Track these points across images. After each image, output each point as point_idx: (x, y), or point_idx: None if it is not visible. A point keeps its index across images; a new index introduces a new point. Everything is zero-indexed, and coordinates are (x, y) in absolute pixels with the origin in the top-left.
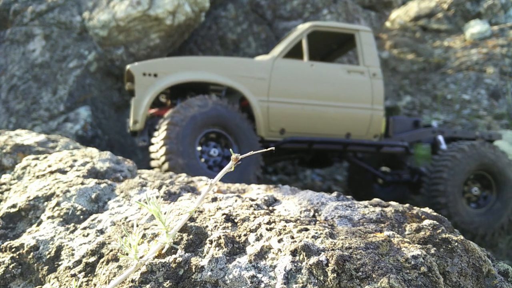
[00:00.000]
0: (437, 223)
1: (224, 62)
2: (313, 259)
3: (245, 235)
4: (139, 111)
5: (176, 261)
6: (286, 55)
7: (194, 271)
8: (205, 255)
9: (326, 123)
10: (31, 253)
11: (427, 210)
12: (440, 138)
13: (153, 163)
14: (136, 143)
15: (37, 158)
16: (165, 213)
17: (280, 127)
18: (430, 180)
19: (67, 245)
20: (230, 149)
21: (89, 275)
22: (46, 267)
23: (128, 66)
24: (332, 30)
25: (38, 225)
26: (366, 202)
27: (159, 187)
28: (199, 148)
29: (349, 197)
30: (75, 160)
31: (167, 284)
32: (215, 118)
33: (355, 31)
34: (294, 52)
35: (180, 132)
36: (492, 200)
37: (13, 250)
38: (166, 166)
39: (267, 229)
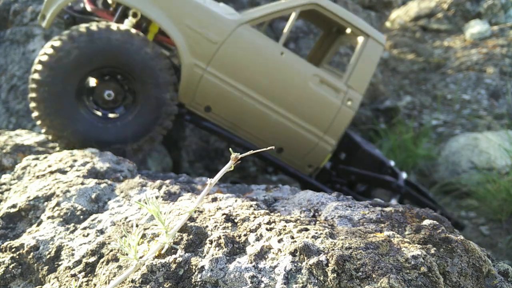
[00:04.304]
0: (437, 223)
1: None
2: (313, 259)
3: (245, 235)
4: (52, 4)
5: (176, 261)
6: (257, 26)
7: (194, 271)
8: (205, 255)
9: (261, 125)
10: (31, 253)
11: (427, 210)
12: (394, 200)
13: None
14: None
15: (37, 158)
16: (165, 213)
17: (207, 104)
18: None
19: (67, 245)
20: (230, 149)
21: (89, 275)
22: (46, 267)
23: None
24: (336, 19)
25: (38, 225)
26: (366, 202)
27: (159, 187)
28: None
29: (349, 197)
30: (75, 160)
31: (167, 284)
32: (108, 54)
33: (366, 35)
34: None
35: (52, 76)
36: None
37: (13, 250)
38: (39, 124)
39: (267, 229)
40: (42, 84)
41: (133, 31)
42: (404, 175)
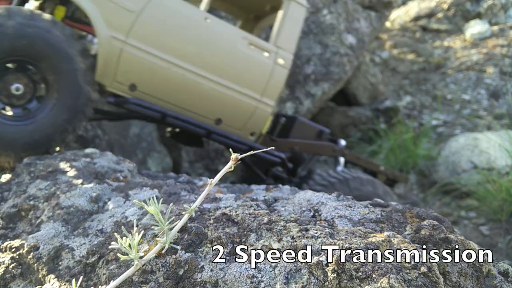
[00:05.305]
0: (437, 223)
1: None
2: (313, 259)
3: (245, 235)
4: None
5: (176, 261)
6: None
7: (194, 271)
8: (205, 255)
9: (194, 97)
10: (31, 253)
11: (427, 210)
12: (341, 159)
13: None
14: None
15: (37, 158)
16: (165, 213)
17: (131, 81)
18: None
19: (67, 245)
20: (230, 149)
21: (89, 275)
22: (46, 267)
23: None
24: None
25: (38, 225)
26: (366, 202)
27: (159, 187)
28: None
29: (349, 197)
30: (75, 160)
31: (167, 284)
32: (10, 43)
33: None
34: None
35: None
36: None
37: (13, 250)
38: None
39: (267, 229)
40: None
41: (38, 12)
42: (343, 142)
